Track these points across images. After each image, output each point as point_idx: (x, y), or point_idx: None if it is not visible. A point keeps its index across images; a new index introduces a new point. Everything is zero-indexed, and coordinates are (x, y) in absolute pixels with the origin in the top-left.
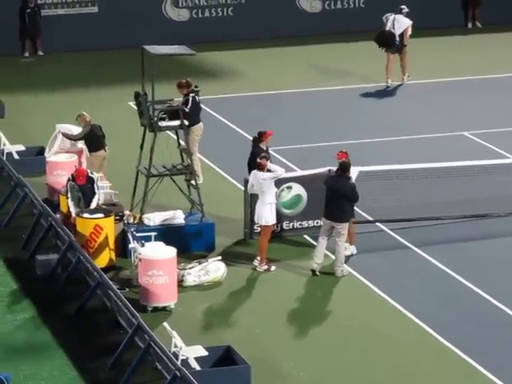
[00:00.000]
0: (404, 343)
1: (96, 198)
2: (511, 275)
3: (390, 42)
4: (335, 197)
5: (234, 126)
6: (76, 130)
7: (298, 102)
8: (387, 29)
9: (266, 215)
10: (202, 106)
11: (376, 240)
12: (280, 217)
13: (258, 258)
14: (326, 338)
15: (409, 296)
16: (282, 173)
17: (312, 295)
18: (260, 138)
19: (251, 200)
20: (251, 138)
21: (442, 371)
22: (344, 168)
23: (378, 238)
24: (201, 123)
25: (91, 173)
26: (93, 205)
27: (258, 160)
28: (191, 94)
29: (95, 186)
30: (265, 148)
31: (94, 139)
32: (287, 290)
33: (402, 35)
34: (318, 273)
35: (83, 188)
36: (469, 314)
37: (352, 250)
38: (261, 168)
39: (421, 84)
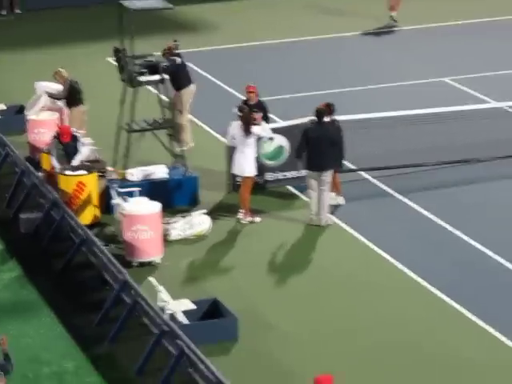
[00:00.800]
0: (389, 290)
1: (79, 155)
2: (494, 220)
3: None
4: (318, 145)
5: (215, 79)
6: (55, 86)
7: (277, 52)
8: None
9: (247, 167)
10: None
11: (359, 188)
12: (263, 168)
13: (242, 210)
14: (312, 287)
15: (393, 243)
16: (267, 135)
17: (297, 245)
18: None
19: (233, 152)
20: (232, 91)
21: (428, 317)
22: (319, 114)
23: (362, 187)
24: (191, 86)
25: (75, 131)
26: (74, 162)
27: (253, 115)
28: (176, 58)
29: (79, 143)
30: (253, 103)
31: (73, 94)
32: (272, 241)
33: None
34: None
35: (67, 146)
36: (453, 260)
37: (339, 200)
38: (250, 122)
39: (401, 30)
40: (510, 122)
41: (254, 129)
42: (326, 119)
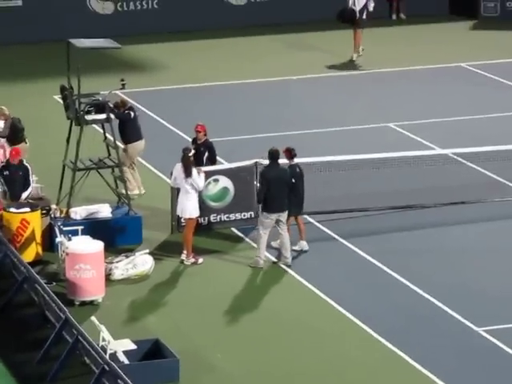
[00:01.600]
0: (333, 336)
1: (29, 189)
2: (437, 266)
3: (350, 19)
4: (275, 186)
5: (161, 119)
6: None
7: (223, 94)
8: (349, 6)
9: (189, 208)
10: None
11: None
12: (207, 210)
13: (185, 251)
14: (255, 331)
15: (336, 288)
16: (200, 187)
17: (239, 288)
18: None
19: (178, 194)
20: (177, 131)
21: (371, 363)
22: (274, 156)
23: (306, 231)
24: (140, 141)
25: (26, 161)
26: (24, 196)
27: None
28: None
29: (30, 177)
30: (200, 142)
31: (15, 132)
32: (215, 283)
33: (362, 11)
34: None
35: (14, 170)
36: (396, 306)
37: (303, 245)
38: (189, 165)
39: (346, 75)
40: (454, 168)
41: (193, 173)
42: (287, 162)
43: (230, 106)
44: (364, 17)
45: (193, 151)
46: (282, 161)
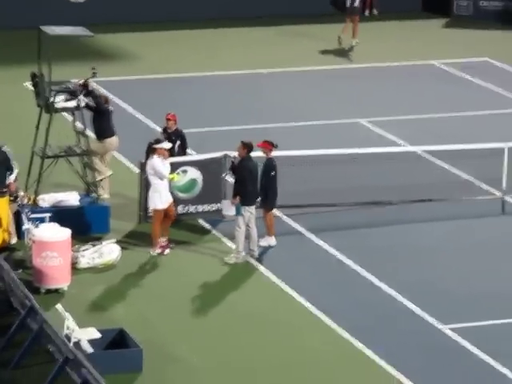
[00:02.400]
0: (298, 330)
1: (14, 173)
2: (403, 263)
3: (341, 7)
4: (255, 179)
5: (131, 109)
6: None
7: (194, 85)
8: None
9: (154, 199)
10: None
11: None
12: (175, 201)
13: (153, 242)
14: (220, 323)
15: (303, 283)
16: (163, 175)
17: (207, 281)
18: None
19: (146, 184)
20: (147, 121)
21: (335, 358)
22: (250, 149)
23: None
24: (116, 137)
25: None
26: (11, 179)
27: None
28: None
29: (11, 161)
30: (171, 131)
31: None
32: (182, 275)
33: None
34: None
35: None
36: (362, 302)
37: (270, 241)
38: (150, 153)
39: (318, 70)
40: (422, 166)
41: (153, 160)
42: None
43: (200, 97)
44: (357, 4)
45: (169, 144)
46: (258, 154)
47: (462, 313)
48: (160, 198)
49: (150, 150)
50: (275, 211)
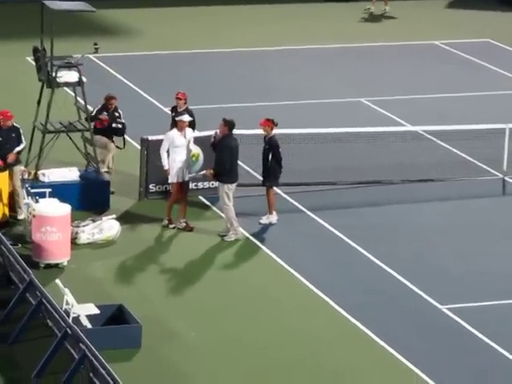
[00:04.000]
0: (295, 308)
1: (22, 145)
2: (403, 243)
3: None
4: (236, 157)
5: (132, 85)
6: None
7: (199, 62)
8: None
9: (171, 173)
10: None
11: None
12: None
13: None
14: (219, 300)
15: (302, 261)
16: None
17: (206, 256)
18: None
19: (147, 160)
20: (148, 97)
21: (333, 336)
22: (232, 127)
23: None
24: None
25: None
26: (17, 149)
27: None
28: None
29: (21, 136)
30: (181, 110)
31: None
32: (181, 251)
33: None
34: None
35: (7, 136)
36: (361, 281)
37: (272, 218)
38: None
39: (320, 49)
40: (423, 146)
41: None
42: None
43: (203, 74)
44: None
45: (188, 117)
46: (258, 131)
47: (461, 293)
48: (172, 171)
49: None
50: (275, 188)
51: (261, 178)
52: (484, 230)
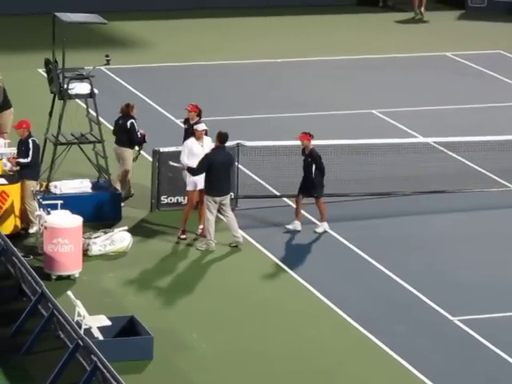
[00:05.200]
0: (307, 319)
1: (27, 160)
2: (414, 254)
3: None
4: (227, 169)
5: (144, 97)
6: None
7: (207, 74)
8: None
9: (186, 181)
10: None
11: (282, 215)
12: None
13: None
14: (230, 311)
15: (314, 272)
16: (181, 158)
17: (217, 268)
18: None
19: (159, 172)
20: (159, 109)
21: (344, 347)
22: (222, 139)
23: (285, 214)
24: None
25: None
26: (21, 161)
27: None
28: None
29: (30, 151)
30: (193, 122)
31: (6, 97)
32: (192, 262)
33: None
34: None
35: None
36: (372, 292)
37: (325, 226)
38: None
39: (330, 60)
40: (435, 157)
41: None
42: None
43: (213, 86)
44: None
45: (203, 126)
46: (314, 142)
47: (473, 304)
48: (189, 179)
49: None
50: (287, 200)
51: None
52: (496, 241)
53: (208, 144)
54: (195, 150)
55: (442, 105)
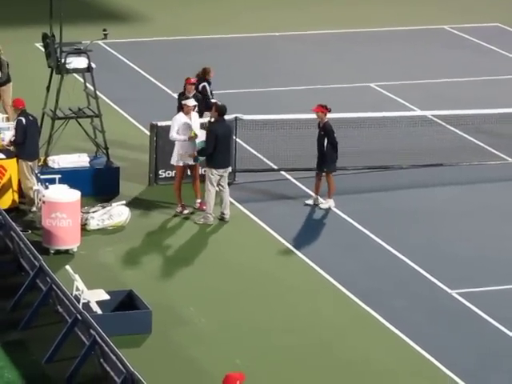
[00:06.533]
0: (305, 293)
1: (8, 134)
2: (412, 228)
3: None
4: (228, 142)
5: (141, 71)
6: None
7: (205, 48)
8: None
9: (174, 155)
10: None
11: (281, 189)
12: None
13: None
14: (228, 285)
15: (312, 246)
16: (171, 133)
17: (215, 242)
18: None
19: (156, 146)
20: (157, 82)
21: (343, 321)
22: (221, 112)
23: (283, 187)
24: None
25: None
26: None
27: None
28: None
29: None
30: (190, 95)
31: (8, 71)
32: (191, 237)
33: None
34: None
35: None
36: (371, 266)
37: (330, 203)
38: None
39: (329, 34)
40: (433, 130)
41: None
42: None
43: (210, 59)
44: None
45: (193, 101)
46: (312, 116)
47: (471, 277)
48: (178, 155)
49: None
50: (284, 174)
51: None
52: (494, 214)
53: (196, 119)
54: (185, 125)
55: (440, 78)
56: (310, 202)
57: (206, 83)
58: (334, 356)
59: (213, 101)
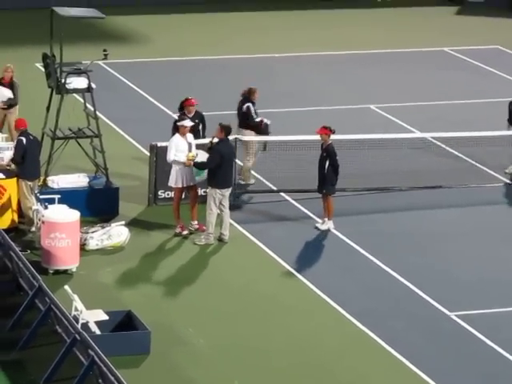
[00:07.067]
0: (304, 314)
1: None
2: (411, 249)
3: None
4: (232, 162)
5: (141, 91)
6: (6, 92)
7: (205, 68)
8: None
9: (171, 177)
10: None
11: (280, 210)
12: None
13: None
14: (227, 306)
15: (311, 267)
16: (168, 156)
17: (215, 263)
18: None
19: (156, 166)
20: (157, 103)
21: (341, 342)
22: (227, 132)
23: (282, 208)
24: None
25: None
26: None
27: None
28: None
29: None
30: (190, 115)
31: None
32: (189, 257)
33: None
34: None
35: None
36: (369, 287)
37: (330, 225)
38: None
39: (329, 55)
40: (432, 152)
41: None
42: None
43: (211, 80)
44: None
45: (190, 122)
46: (312, 137)
47: (470, 300)
48: (176, 176)
49: (175, 128)
50: (284, 195)
51: (269, 184)
52: (493, 236)
53: (192, 140)
54: (181, 147)
55: (440, 100)
56: (323, 226)
57: (250, 103)
58: (333, 377)
59: (257, 119)
